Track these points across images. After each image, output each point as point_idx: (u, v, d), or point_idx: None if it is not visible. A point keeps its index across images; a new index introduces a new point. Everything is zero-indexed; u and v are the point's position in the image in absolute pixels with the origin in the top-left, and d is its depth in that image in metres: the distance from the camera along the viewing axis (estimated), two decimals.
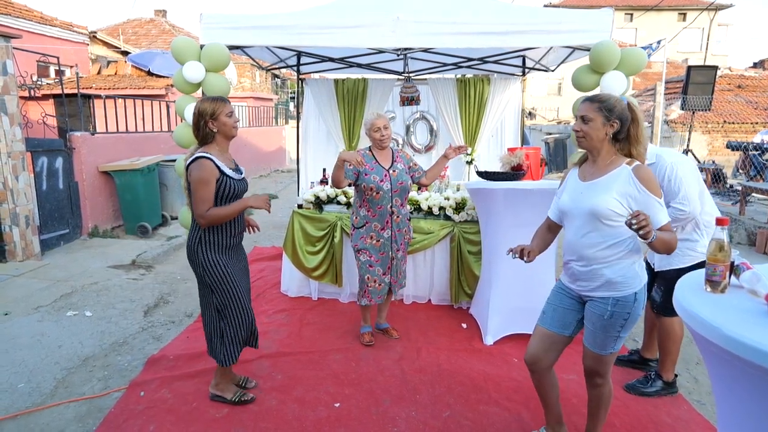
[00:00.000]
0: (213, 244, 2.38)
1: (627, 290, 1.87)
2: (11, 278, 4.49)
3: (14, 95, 4.91)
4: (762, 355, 1.11)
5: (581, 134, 1.88)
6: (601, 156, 1.89)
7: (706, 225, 2.58)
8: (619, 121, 1.83)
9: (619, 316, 1.88)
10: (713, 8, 23.07)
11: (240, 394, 2.61)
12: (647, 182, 1.79)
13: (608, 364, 2.00)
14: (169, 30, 18.68)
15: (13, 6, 11.26)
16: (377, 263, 3.15)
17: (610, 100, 1.84)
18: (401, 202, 3.14)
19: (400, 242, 3.21)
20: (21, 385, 2.77)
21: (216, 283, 2.40)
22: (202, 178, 2.26)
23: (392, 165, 3.13)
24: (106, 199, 6.46)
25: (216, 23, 3.41)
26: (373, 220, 3.11)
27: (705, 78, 8.80)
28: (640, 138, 1.85)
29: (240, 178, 2.43)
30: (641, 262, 1.91)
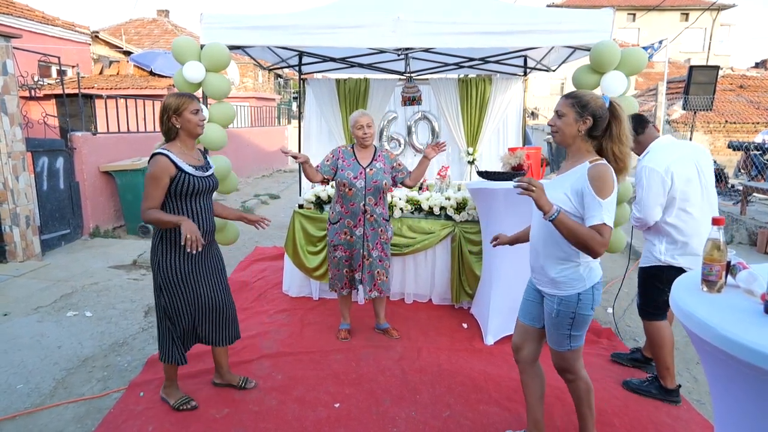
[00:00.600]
0: (173, 243, 2.31)
1: (570, 290, 1.90)
2: (11, 278, 4.50)
3: (14, 95, 4.92)
4: (758, 355, 1.11)
5: (555, 129, 1.91)
6: (572, 152, 1.91)
7: (666, 234, 2.60)
8: (592, 117, 1.82)
9: (565, 315, 1.92)
10: (715, 8, 23.02)
11: (182, 401, 2.53)
12: (594, 180, 1.77)
13: (570, 360, 2.01)
14: (171, 30, 18.72)
15: (14, 6, 11.29)
16: (351, 259, 3.22)
17: (584, 97, 1.85)
18: (375, 201, 3.14)
19: (375, 242, 3.20)
20: (20, 386, 2.77)
21: (165, 284, 2.35)
22: (152, 174, 2.23)
23: (371, 163, 3.14)
24: (107, 199, 6.47)
25: (216, 23, 3.41)
26: (346, 216, 3.15)
27: (707, 78, 8.78)
28: (622, 137, 1.84)
29: (204, 176, 2.37)
30: (591, 265, 1.91)
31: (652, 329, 2.68)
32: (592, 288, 1.91)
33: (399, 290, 4.07)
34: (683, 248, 2.58)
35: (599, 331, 3.55)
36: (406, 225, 3.83)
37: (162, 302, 2.40)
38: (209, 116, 3.42)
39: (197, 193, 2.34)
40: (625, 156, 1.86)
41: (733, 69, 17.87)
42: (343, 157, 3.15)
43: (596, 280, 1.93)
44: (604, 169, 1.79)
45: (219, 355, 2.69)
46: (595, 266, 1.94)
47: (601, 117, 1.82)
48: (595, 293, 1.92)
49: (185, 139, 2.35)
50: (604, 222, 1.75)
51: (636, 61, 3.21)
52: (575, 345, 1.98)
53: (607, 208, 1.76)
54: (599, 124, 1.83)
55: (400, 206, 3.90)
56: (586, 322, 1.95)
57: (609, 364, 3.08)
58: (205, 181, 2.37)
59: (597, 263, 1.95)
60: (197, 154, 2.44)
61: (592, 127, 1.83)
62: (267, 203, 9.19)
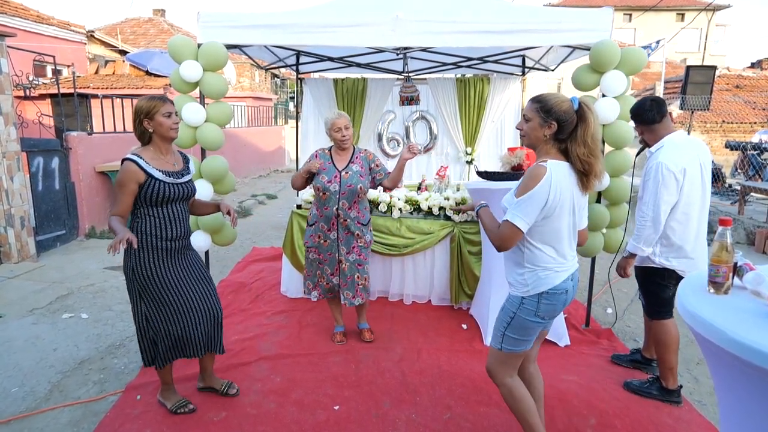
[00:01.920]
0: (145, 246, 2.25)
1: (516, 292, 1.91)
2: (6, 280, 4.45)
3: (9, 95, 4.87)
4: (765, 357, 1.09)
5: (522, 133, 1.91)
6: (537, 154, 1.91)
7: (663, 236, 2.52)
8: (556, 122, 1.79)
9: (506, 312, 1.93)
10: (711, 8, 23.11)
11: (180, 404, 2.50)
12: (523, 179, 1.80)
13: (496, 362, 1.98)
14: (167, 29, 18.63)
15: (8, 4, 11.20)
16: (325, 262, 3.16)
17: (549, 102, 1.81)
18: (349, 205, 3.06)
19: (351, 245, 3.12)
20: (15, 389, 2.73)
21: (144, 289, 2.28)
22: (119, 180, 2.19)
23: (347, 166, 3.07)
24: (103, 200, 6.42)
25: (214, 22, 3.38)
26: (321, 220, 3.11)
27: (704, 78, 8.79)
28: (586, 139, 1.77)
29: (177, 182, 2.29)
30: (539, 274, 1.84)
31: (660, 328, 2.63)
32: (538, 296, 1.85)
33: (398, 291, 4.04)
34: (678, 251, 2.53)
35: (599, 332, 3.54)
36: (405, 225, 3.81)
37: (143, 308, 2.32)
38: (207, 116, 3.39)
39: (169, 200, 2.26)
40: (591, 159, 1.77)
41: (729, 69, 17.93)
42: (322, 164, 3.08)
43: (544, 288, 1.84)
44: (535, 170, 1.77)
45: (204, 360, 2.62)
46: (545, 275, 1.84)
47: (566, 121, 1.78)
48: (541, 302, 1.85)
49: (159, 143, 2.28)
50: (506, 218, 1.79)
51: (636, 61, 3.20)
52: (507, 348, 1.92)
53: (518, 206, 1.76)
54: (564, 127, 1.79)
55: (399, 206, 3.88)
56: (526, 328, 1.89)
57: (609, 365, 3.07)
58: (179, 188, 2.29)
59: (554, 272, 1.84)
60: (174, 158, 2.36)
61: (558, 130, 1.80)
62: (264, 203, 9.15)
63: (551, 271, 1.85)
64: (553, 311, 1.89)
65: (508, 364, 1.97)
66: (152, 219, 2.26)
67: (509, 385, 1.99)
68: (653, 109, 2.58)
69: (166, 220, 2.28)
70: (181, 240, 2.36)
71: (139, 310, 2.35)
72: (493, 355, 2.00)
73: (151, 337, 2.38)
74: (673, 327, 2.62)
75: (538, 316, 1.87)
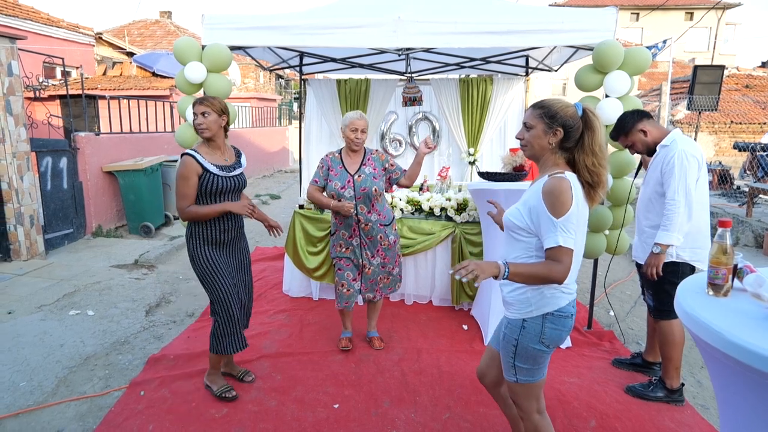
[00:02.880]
0: (201, 239, 2.46)
1: (516, 314, 1.73)
2: (15, 277, 4.52)
3: (19, 96, 4.95)
4: (764, 360, 1.09)
5: (524, 142, 1.74)
6: (541, 165, 1.74)
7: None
8: (562, 128, 1.65)
9: (509, 340, 1.74)
10: (721, 7, 22.88)
11: (224, 389, 2.63)
12: (547, 196, 1.59)
13: (520, 395, 1.80)
14: (174, 31, 18.78)
15: (20, 7, 11.35)
16: (347, 267, 3.08)
17: (553, 107, 1.67)
18: (367, 209, 2.96)
19: (375, 249, 3.06)
20: (23, 384, 2.78)
21: (201, 275, 2.49)
22: (181, 174, 2.37)
23: (359, 169, 2.96)
24: (109, 199, 6.50)
25: (218, 24, 3.42)
26: (341, 228, 3.02)
27: (712, 78, 8.73)
28: (594, 148, 1.65)
29: (230, 175, 2.47)
30: (544, 292, 1.68)
31: (667, 328, 2.61)
32: (542, 317, 1.67)
33: (399, 291, 4.06)
34: (693, 241, 2.51)
35: (601, 334, 3.52)
36: (406, 226, 3.82)
37: (210, 293, 2.51)
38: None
39: (223, 192, 2.45)
40: (600, 169, 1.66)
41: (739, 69, 17.75)
42: (331, 166, 2.99)
43: (549, 309, 1.68)
44: (559, 183, 1.58)
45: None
46: (551, 293, 1.67)
47: (572, 127, 1.65)
48: (546, 325, 1.67)
49: (205, 139, 2.47)
50: (559, 244, 1.57)
51: (640, 61, 3.19)
52: (523, 379, 1.75)
53: (563, 228, 1.57)
54: (571, 134, 1.66)
55: (400, 207, 3.90)
56: (533, 356, 1.70)
57: (611, 368, 3.06)
58: (230, 180, 2.47)
59: (561, 293, 1.69)
60: (228, 153, 2.54)
61: (564, 138, 1.66)
62: (268, 203, 9.20)
63: (558, 290, 1.68)
64: (559, 338, 1.70)
65: (532, 395, 1.80)
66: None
67: (536, 422, 1.81)
68: (634, 112, 2.65)
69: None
70: (235, 230, 2.56)
71: (210, 296, 2.53)
72: (513, 389, 1.82)
73: (216, 324, 2.54)
74: (679, 326, 2.60)
75: (542, 342, 1.69)
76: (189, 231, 2.49)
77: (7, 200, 4.87)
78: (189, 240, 2.48)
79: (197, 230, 2.46)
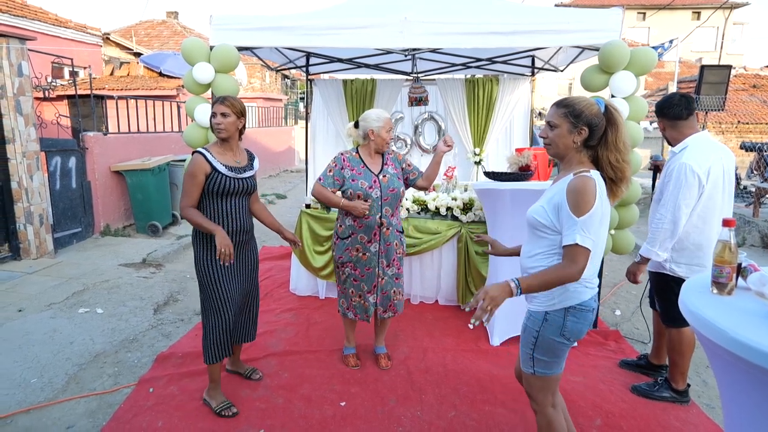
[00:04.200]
0: (205, 244, 2.42)
1: (539, 306, 1.74)
2: (25, 276, 4.57)
3: (29, 96, 5.00)
4: (767, 357, 1.10)
5: (547, 141, 1.73)
6: (565, 163, 1.75)
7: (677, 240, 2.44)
8: (587, 127, 1.65)
9: (530, 332, 1.76)
10: (728, 6, 22.71)
11: (223, 406, 2.51)
12: (570, 194, 1.60)
13: (535, 387, 1.82)
14: (180, 31, 18.89)
15: (28, 8, 11.46)
16: (362, 278, 2.82)
17: (578, 105, 1.67)
18: (392, 211, 2.77)
19: (391, 257, 2.82)
20: (34, 380, 2.82)
21: (201, 279, 2.45)
22: (188, 171, 2.35)
23: (382, 170, 2.77)
24: (117, 199, 6.56)
25: (226, 24, 3.45)
26: (360, 231, 2.74)
27: (718, 77, 8.67)
28: (618, 144, 1.66)
29: (239, 177, 2.42)
30: (565, 287, 1.67)
31: (676, 336, 2.58)
32: (564, 311, 1.69)
33: (405, 291, 4.07)
34: (689, 257, 2.44)
35: (607, 334, 3.53)
36: (412, 225, 3.84)
37: (202, 298, 2.48)
38: None
39: (231, 193, 2.41)
40: (624, 165, 1.67)
41: (746, 68, 17.64)
42: (349, 165, 2.74)
43: (572, 303, 1.69)
44: (584, 182, 1.59)
45: (235, 346, 2.80)
46: (574, 288, 1.68)
47: (597, 125, 1.65)
48: (568, 318, 1.69)
49: (218, 139, 2.45)
50: (576, 242, 1.57)
51: (645, 61, 3.19)
52: (541, 371, 1.76)
53: (584, 227, 1.57)
54: (596, 132, 1.66)
55: (406, 206, 3.91)
56: (553, 348, 1.72)
57: (616, 367, 3.07)
58: (240, 182, 2.43)
59: (583, 287, 1.70)
60: (239, 155, 2.50)
61: (588, 136, 1.67)
62: (274, 203, 9.24)
63: (581, 285, 1.70)
64: (579, 331, 1.72)
65: (548, 388, 1.81)
66: (214, 212, 2.40)
67: (550, 416, 1.82)
68: (681, 104, 2.48)
69: (226, 213, 2.42)
70: (241, 234, 2.49)
71: (203, 300, 2.49)
72: (528, 380, 1.84)
73: (206, 330, 2.49)
74: (690, 334, 2.54)
75: (563, 335, 1.70)
76: (194, 232, 2.45)
77: (17, 199, 4.94)
78: (194, 242, 2.46)
79: (204, 235, 2.40)
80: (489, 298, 1.57)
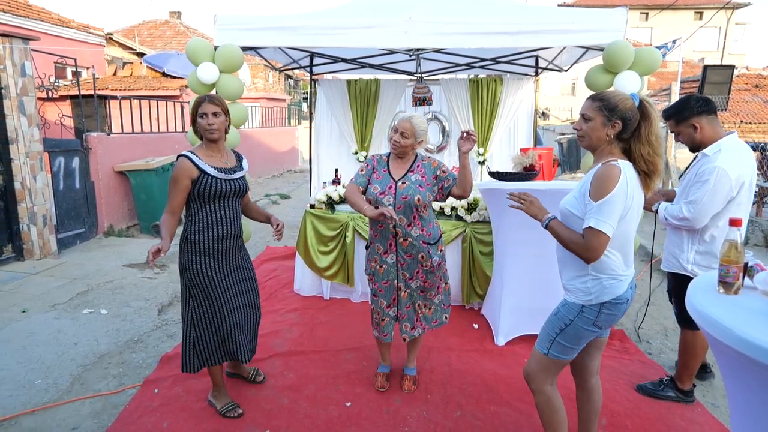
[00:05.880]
0: (197, 245, 2.29)
1: (575, 299, 1.79)
2: (29, 276, 4.58)
3: (32, 96, 5.01)
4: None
5: (581, 133, 1.79)
6: (597, 156, 1.79)
7: (701, 242, 2.42)
8: (621, 121, 1.70)
9: (562, 318, 1.80)
10: (730, 7, 22.68)
11: (228, 407, 2.48)
12: (595, 180, 1.67)
13: (539, 366, 1.87)
14: (183, 31, 18.92)
15: (31, 8, 11.48)
16: (380, 293, 2.64)
17: (612, 99, 1.71)
18: (408, 221, 2.53)
19: (414, 270, 2.59)
20: (38, 381, 2.82)
21: (191, 286, 2.32)
22: (173, 176, 2.25)
23: (404, 176, 2.55)
24: (121, 199, 6.57)
25: (230, 25, 3.45)
26: (377, 240, 2.62)
27: (721, 77, 8.68)
28: (651, 139, 1.70)
29: (229, 178, 2.32)
30: (603, 282, 1.73)
31: (691, 338, 2.59)
32: (600, 305, 1.74)
33: None
34: (711, 261, 2.40)
35: (612, 333, 3.51)
36: None
37: (189, 307, 2.36)
38: None
39: (222, 196, 2.30)
40: (656, 158, 1.70)
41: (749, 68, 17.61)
42: (376, 167, 2.63)
43: (608, 298, 1.73)
44: (608, 170, 1.65)
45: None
46: (610, 284, 1.73)
47: (630, 119, 1.70)
48: (602, 312, 1.74)
49: (206, 140, 2.34)
50: (590, 225, 1.64)
51: (650, 61, 3.19)
52: (555, 354, 1.81)
53: (600, 211, 1.62)
54: (629, 126, 1.71)
55: None
56: (580, 336, 1.78)
57: (620, 366, 3.06)
58: (231, 183, 2.32)
59: (618, 281, 1.74)
60: (227, 156, 2.41)
61: (622, 130, 1.71)
62: (277, 203, 9.25)
63: (616, 279, 1.74)
64: (612, 321, 1.78)
65: (551, 371, 1.86)
66: (205, 216, 2.29)
67: (548, 394, 1.87)
68: (700, 102, 2.44)
69: (218, 217, 2.31)
70: (233, 239, 2.38)
71: (186, 309, 2.37)
72: (537, 359, 1.88)
73: (192, 339, 2.37)
74: (703, 338, 2.53)
75: (596, 325, 1.76)
76: (185, 236, 2.31)
77: (20, 200, 4.95)
78: (183, 248, 2.30)
79: (192, 236, 2.28)
80: (529, 202, 1.86)
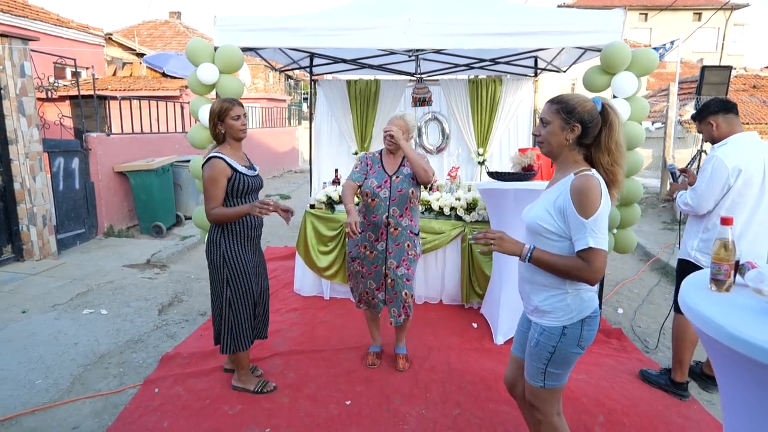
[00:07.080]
0: (235, 235, 2.49)
1: (554, 322, 1.66)
2: (29, 277, 4.59)
3: (32, 97, 5.02)
4: (765, 352, 1.12)
5: (540, 139, 1.67)
6: (559, 163, 1.69)
7: (705, 230, 2.57)
8: (580, 124, 1.60)
9: (544, 347, 1.68)
10: (729, 8, 22.72)
11: (261, 384, 2.70)
12: (575, 195, 1.54)
13: (542, 399, 1.76)
14: (183, 32, 18.91)
15: (30, 8, 11.47)
16: (369, 276, 2.90)
17: (571, 101, 1.62)
18: (400, 212, 2.81)
19: (400, 258, 2.84)
20: (39, 381, 2.83)
21: (233, 275, 2.50)
22: (211, 177, 2.38)
23: (397, 170, 2.84)
24: (121, 199, 6.57)
25: (230, 25, 3.46)
26: (368, 229, 2.85)
27: (719, 78, 8.68)
28: (611, 146, 1.60)
29: (254, 175, 2.55)
30: (581, 295, 1.65)
31: (680, 322, 2.68)
32: (581, 322, 1.64)
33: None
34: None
35: (609, 332, 3.54)
36: None
37: (228, 294, 2.52)
38: None
39: (249, 192, 2.50)
40: (616, 168, 1.61)
41: (747, 69, 17.64)
42: (370, 164, 2.89)
43: (588, 312, 1.65)
44: (586, 182, 1.53)
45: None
46: (588, 296, 1.65)
47: (590, 123, 1.60)
48: (584, 328, 1.65)
49: (231, 142, 2.50)
50: (590, 246, 1.52)
51: (647, 62, 3.21)
52: (551, 383, 1.72)
53: (594, 228, 1.52)
54: (589, 131, 1.61)
55: None
56: (569, 360, 1.68)
57: (618, 364, 3.08)
58: (255, 180, 2.55)
59: (594, 293, 1.67)
60: (243, 155, 2.59)
61: (582, 134, 1.61)
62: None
63: (592, 291, 1.66)
64: (591, 338, 1.68)
65: (554, 399, 1.79)
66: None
67: (556, 424, 1.80)
68: (717, 102, 2.60)
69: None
70: (260, 228, 2.62)
71: (224, 296, 2.53)
72: (536, 394, 1.77)
73: (230, 323, 2.54)
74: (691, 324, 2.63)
75: (579, 346, 1.66)
76: (221, 228, 2.47)
77: (20, 200, 4.95)
78: (219, 239, 2.46)
79: (233, 228, 2.47)
80: (499, 239, 1.63)
